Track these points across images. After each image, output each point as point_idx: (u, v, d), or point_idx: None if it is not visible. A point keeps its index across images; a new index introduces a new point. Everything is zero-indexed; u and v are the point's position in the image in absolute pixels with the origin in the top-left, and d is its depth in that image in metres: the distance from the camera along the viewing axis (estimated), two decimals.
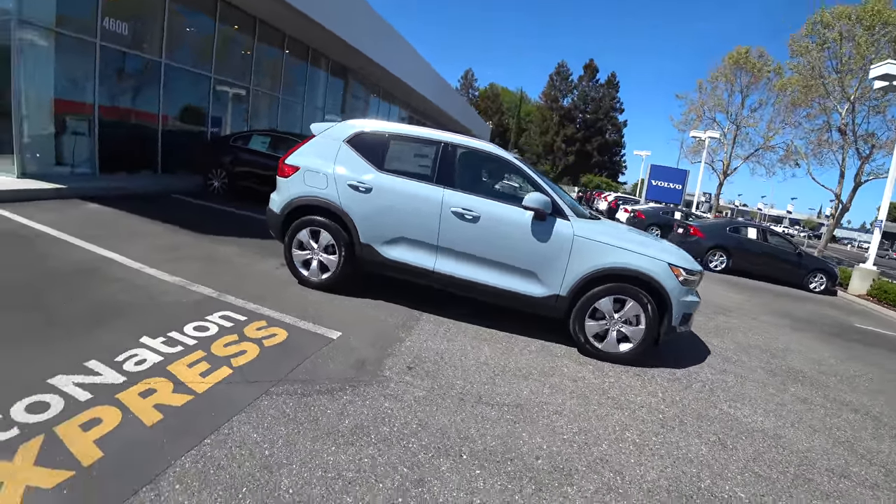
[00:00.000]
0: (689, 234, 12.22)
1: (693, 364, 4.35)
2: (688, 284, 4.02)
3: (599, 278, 3.94)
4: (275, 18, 12.60)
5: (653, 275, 3.88)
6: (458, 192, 4.18)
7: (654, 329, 3.95)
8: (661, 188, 28.19)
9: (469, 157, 4.42)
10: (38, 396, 2.29)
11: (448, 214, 4.14)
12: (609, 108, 59.73)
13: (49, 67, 8.33)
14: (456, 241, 4.17)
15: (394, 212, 4.30)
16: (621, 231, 4.40)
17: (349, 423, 2.47)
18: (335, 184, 4.39)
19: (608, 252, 3.94)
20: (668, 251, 4.20)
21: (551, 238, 4.00)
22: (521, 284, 4.11)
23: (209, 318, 3.52)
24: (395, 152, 4.53)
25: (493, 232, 4.11)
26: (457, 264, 4.21)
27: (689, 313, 4.15)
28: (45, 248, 4.68)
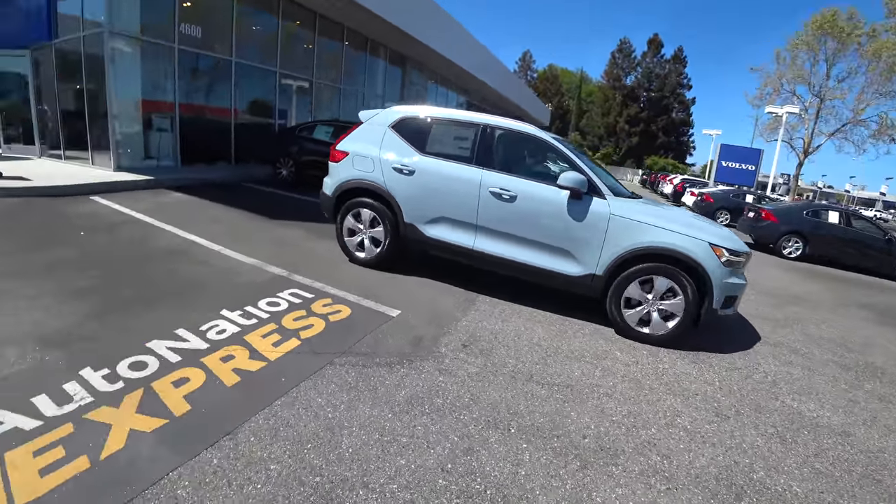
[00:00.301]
0: (760, 218, 11.27)
1: (756, 354, 4.10)
2: (731, 266, 3.82)
3: (636, 258, 3.86)
4: (334, 12, 13.03)
5: (692, 254, 3.74)
6: (495, 172, 4.25)
7: (693, 311, 3.80)
8: (733, 169, 26.30)
9: (507, 139, 4.46)
10: (138, 357, 2.67)
11: (486, 195, 4.22)
12: (675, 85, 56.09)
13: (135, 72, 9.19)
14: (494, 220, 4.24)
15: (435, 192, 4.45)
16: (661, 210, 4.23)
17: (405, 393, 2.63)
18: (381, 167, 4.60)
19: (646, 231, 3.85)
20: (709, 231, 4.01)
21: (587, 217, 3.96)
22: (557, 263, 4.11)
23: (280, 294, 3.83)
24: (436, 135, 4.65)
25: (530, 211, 4.14)
26: (495, 243, 4.28)
27: (734, 296, 3.95)
28: (140, 232, 5.28)
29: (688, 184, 22.97)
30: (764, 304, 5.86)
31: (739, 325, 4.75)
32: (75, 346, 2.71)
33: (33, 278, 3.65)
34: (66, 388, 2.31)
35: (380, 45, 16.61)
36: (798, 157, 29.85)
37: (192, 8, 9.94)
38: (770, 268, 8.84)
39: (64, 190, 7.00)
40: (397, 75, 18.77)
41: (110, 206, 6.43)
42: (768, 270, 8.48)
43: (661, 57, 56.83)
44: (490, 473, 2.09)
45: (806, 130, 29.33)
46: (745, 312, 5.26)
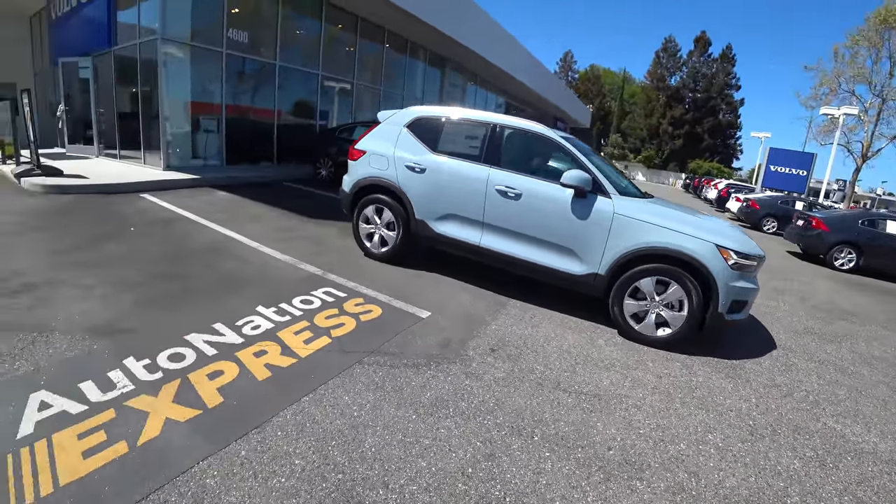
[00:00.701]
0: (810, 226, 10.58)
1: (798, 371, 3.87)
2: (740, 269, 3.70)
3: (640, 258, 3.81)
4: (375, 16, 13.26)
5: (696, 255, 3.65)
6: (502, 170, 4.32)
7: (698, 314, 3.71)
8: (782, 174, 24.94)
9: (515, 138, 4.50)
10: (177, 349, 2.80)
11: (493, 192, 4.29)
12: (723, 86, 53.75)
13: (186, 75, 9.65)
14: (500, 217, 4.31)
15: (444, 190, 4.56)
16: (669, 210, 4.11)
17: (430, 395, 2.64)
18: (395, 165, 4.76)
19: (649, 231, 3.79)
20: (718, 232, 3.85)
21: (591, 216, 3.95)
22: (560, 261, 4.12)
23: (314, 293, 3.93)
24: (448, 135, 4.77)
25: (535, 209, 4.17)
26: (501, 240, 4.35)
27: (743, 300, 3.81)
28: (184, 229, 5.53)
29: (733, 189, 22.02)
30: (811, 317, 5.54)
31: (781, 340, 4.50)
32: (120, 337, 2.87)
33: (85, 271, 3.89)
34: (111, 375, 2.46)
35: (420, 47, 16.76)
36: (855, 162, 27.85)
37: (240, 14, 10.35)
38: (819, 279, 8.34)
39: (117, 188, 7.43)
40: (437, 77, 18.87)
41: (159, 203, 6.78)
42: (817, 283, 8.00)
43: (708, 56, 54.66)
44: (510, 481, 2.07)
45: (865, 133, 27.29)
46: (790, 327, 4.99)
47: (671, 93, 55.10)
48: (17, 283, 3.51)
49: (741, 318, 3.94)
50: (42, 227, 5.11)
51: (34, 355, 2.57)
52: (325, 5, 12.14)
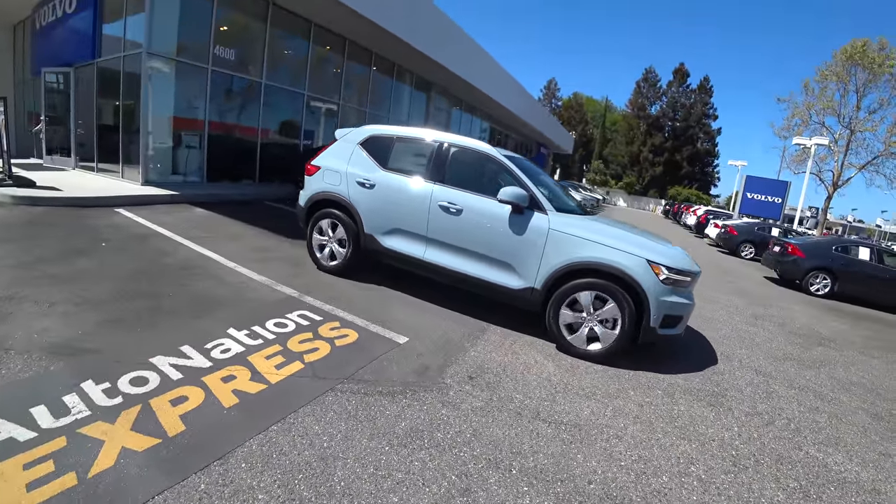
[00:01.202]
0: (786, 252, 10.90)
1: (779, 399, 3.88)
2: (672, 284, 3.80)
3: (574, 272, 3.90)
4: (363, 38, 13.42)
5: (628, 271, 3.74)
6: (446, 187, 4.45)
7: (630, 328, 3.78)
8: (758, 202, 25.74)
9: (460, 155, 4.62)
10: (140, 372, 2.66)
11: (436, 208, 4.42)
12: (701, 115, 55.70)
13: (170, 90, 9.58)
14: (442, 232, 4.42)
15: (391, 205, 4.70)
16: (606, 227, 4.23)
17: (405, 425, 2.54)
18: (347, 180, 4.93)
19: (583, 246, 3.90)
20: (650, 248, 3.93)
21: (527, 231, 4.06)
22: (499, 276, 4.21)
23: (289, 315, 3.81)
24: (398, 152, 4.91)
25: (475, 224, 4.29)
26: (443, 254, 4.45)
27: (677, 315, 3.90)
28: (159, 246, 5.37)
29: (711, 215, 22.56)
30: (788, 343, 5.61)
31: (761, 367, 4.53)
32: (81, 358, 2.72)
33: (50, 286, 3.72)
34: (66, 399, 2.31)
35: (406, 70, 16.99)
36: (827, 190, 29.18)
37: (228, 32, 10.36)
38: (796, 304, 8.50)
39: (91, 201, 7.23)
40: (422, 100, 19.11)
41: (134, 219, 6.60)
42: (795, 308, 8.15)
43: (686, 86, 56.70)
44: None
45: (835, 162, 28.69)
46: (770, 353, 5.04)
47: (651, 121, 56.81)
48: None
49: (675, 334, 4.02)
50: (8, 239, 4.91)
51: None
52: (314, 26, 12.25)
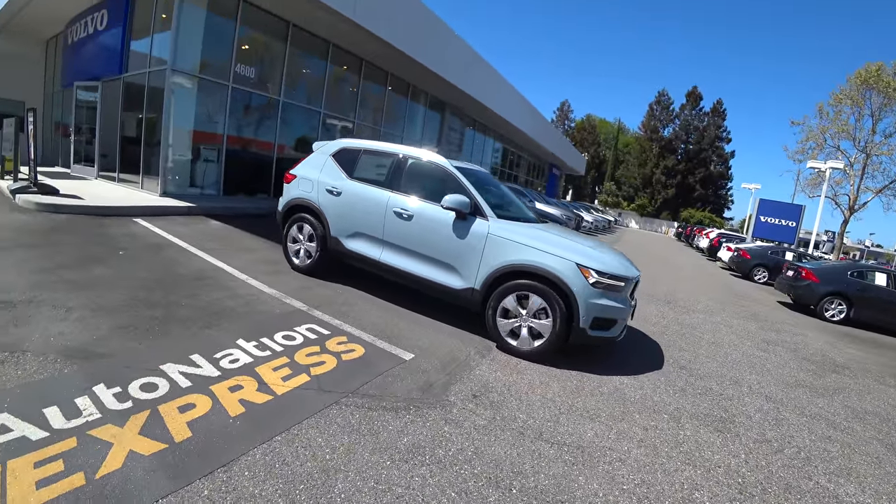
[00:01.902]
0: (800, 277, 10.70)
1: (789, 426, 3.81)
2: (601, 287, 3.99)
3: (508, 274, 4.15)
4: (379, 59, 13.75)
5: (557, 273, 3.96)
6: (400, 194, 4.84)
7: (562, 329, 3.98)
8: (772, 225, 25.41)
9: (415, 166, 4.99)
10: (150, 378, 2.73)
11: (390, 213, 4.80)
12: (714, 138, 55.59)
13: (191, 105, 9.88)
14: (395, 236, 4.79)
15: (353, 211, 5.11)
16: (543, 233, 4.45)
17: (407, 441, 2.55)
18: (317, 188, 5.37)
19: (518, 250, 4.15)
20: (582, 253, 4.15)
21: (468, 236, 4.38)
22: (444, 277, 4.51)
23: (297, 328, 3.87)
24: (363, 163, 5.32)
25: (423, 228, 4.62)
26: (397, 256, 4.80)
27: (608, 318, 4.08)
28: (174, 256, 5.50)
29: (724, 238, 22.35)
30: (801, 370, 5.51)
31: (772, 393, 4.45)
32: (94, 362, 2.80)
33: (68, 292, 3.84)
34: (78, 402, 2.38)
35: (421, 91, 17.30)
36: (843, 214, 28.76)
37: (249, 50, 10.72)
38: (810, 331, 8.34)
39: (111, 210, 7.43)
40: (436, 120, 19.36)
41: (151, 229, 6.77)
42: (808, 334, 7.99)
43: (699, 109, 56.75)
44: None
45: (851, 186, 28.36)
46: (781, 379, 4.96)
47: (664, 143, 56.79)
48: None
49: (609, 336, 4.18)
50: (30, 245, 5.08)
51: (2, 375, 2.51)
52: (332, 47, 12.60)
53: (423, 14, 12.64)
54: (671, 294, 9.30)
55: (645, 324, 6.30)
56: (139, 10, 10.02)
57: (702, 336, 6.23)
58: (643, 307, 7.42)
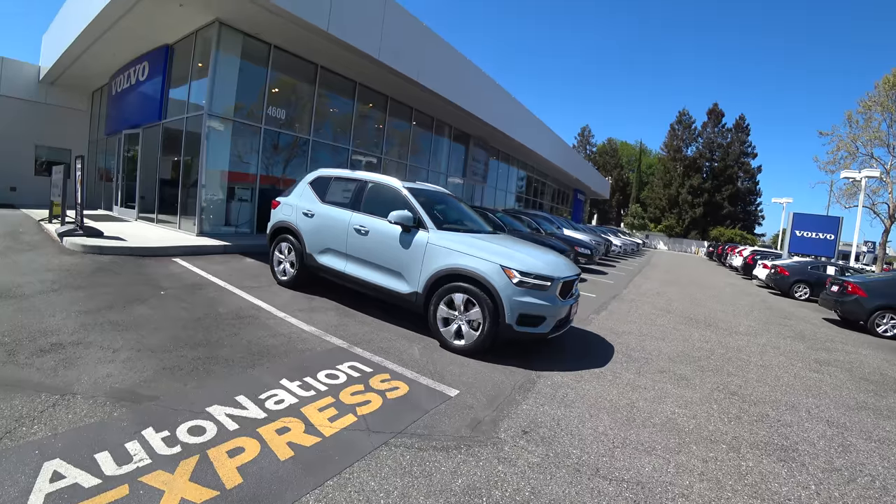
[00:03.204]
0: (846, 291, 10.14)
1: (857, 452, 3.52)
2: (527, 287, 4.33)
3: (444, 278, 4.60)
4: (404, 96, 14.16)
5: (483, 274, 4.38)
6: (360, 213, 5.48)
7: (491, 325, 4.33)
8: (808, 239, 24.38)
9: (374, 189, 5.66)
10: (197, 421, 2.71)
11: (352, 230, 5.44)
12: (739, 154, 54.56)
13: (225, 147, 10.27)
14: (356, 249, 5.41)
15: (323, 229, 5.78)
16: (478, 241, 4.86)
17: (462, 482, 2.45)
18: (296, 212, 6.14)
19: (451, 255, 4.62)
20: (508, 256, 4.53)
21: (412, 246, 4.91)
22: (394, 283, 5.04)
23: (339, 367, 3.84)
24: (333, 189, 6.02)
25: (377, 241, 5.21)
26: (358, 267, 5.40)
27: (536, 315, 4.38)
28: (213, 295, 5.59)
29: (759, 255, 21.59)
30: (861, 391, 5.15)
31: (833, 417, 4.14)
32: (142, 404, 2.81)
33: (114, 332, 3.93)
34: (128, 447, 2.37)
35: (445, 124, 17.66)
36: (883, 224, 27.52)
37: (279, 93, 11.18)
38: (864, 348, 7.83)
39: (151, 251, 7.69)
40: (461, 152, 19.63)
41: (189, 268, 6.95)
42: (862, 352, 7.51)
43: (722, 126, 56.01)
44: None
45: (889, 194, 27.16)
46: (840, 402, 4.63)
47: (688, 163, 56.01)
48: (46, 343, 3.56)
49: (538, 332, 4.47)
50: (77, 286, 5.25)
51: (53, 419, 2.53)
52: (358, 86, 13.03)
53: (445, 51, 13.05)
54: (711, 317, 8.95)
55: (689, 348, 6.05)
56: (178, 61, 10.62)
57: (749, 359, 5.93)
58: (684, 330, 7.16)
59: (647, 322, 7.50)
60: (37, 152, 16.67)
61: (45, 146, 16.74)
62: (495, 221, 11.29)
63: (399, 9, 10.88)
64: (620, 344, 5.80)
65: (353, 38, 9.66)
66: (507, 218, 12.24)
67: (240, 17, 9.09)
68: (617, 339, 6.01)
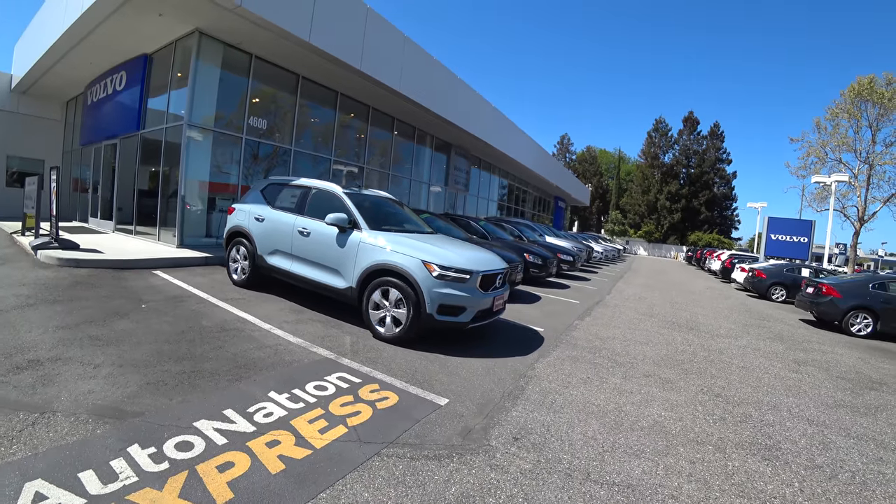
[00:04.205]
0: (821, 293, 10.49)
1: (837, 449, 3.63)
2: (447, 280, 4.72)
3: (374, 273, 5.01)
4: (386, 106, 14.20)
5: (404, 268, 4.78)
6: (304, 217, 5.92)
7: (415, 315, 4.71)
8: (783, 242, 25.13)
9: (317, 194, 6.08)
10: (185, 436, 2.65)
11: (296, 233, 5.87)
12: (714, 161, 56.18)
13: (206, 158, 10.15)
14: (300, 250, 5.83)
15: (272, 232, 6.21)
16: (405, 238, 5.31)
17: (455, 490, 2.45)
18: (248, 217, 6.56)
19: (379, 252, 5.03)
20: (430, 252, 4.91)
21: (347, 244, 5.32)
22: (333, 280, 5.45)
23: (327, 378, 3.80)
24: (282, 195, 6.47)
25: (317, 242, 5.63)
26: (302, 266, 5.81)
27: (455, 306, 4.76)
28: (195, 308, 5.49)
29: (736, 259, 22.15)
30: (837, 389, 5.33)
31: (813, 416, 4.27)
32: (126, 421, 2.74)
33: (94, 348, 3.83)
34: (113, 464, 2.31)
35: (427, 133, 17.74)
36: (853, 226, 28.60)
37: (260, 103, 11.10)
38: (839, 348, 8.10)
39: (130, 263, 7.52)
40: (442, 161, 19.70)
41: (171, 280, 6.81)
42: (837, 350, 7.76)
43: (697, 133, 57.66)
44: None
45: (858, 198, 28.31)
46: (819, 400, 4.78)
47: (666, 169, 57.38)
48: (23, 359, 3.45)
49: (458, 321, 4.83)
50: (53, 301, 5.10)
51: (34, 438, 2.45)
52: (340, 96, 13.02)
53: (426, 61, 13.14)
54: (692, 320, 9.14)
55: (673, 352, 6.16)
56: (157, 70, 10.48)
57: (731, 361, 6.07)
58: (668, 334, 7.29)
59: (630, 327, 7.61)
60: (8, 163, 16.19)
61: (16, 157, 16.28)
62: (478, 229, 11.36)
63: (380, 19, 10.95)
64: (605, 349, 5.88)
65: (334, 49, 9.67)
66: (489, 226, 12.32)
67: (220, 26, 9.02)
68: (602, 345, 6.09)
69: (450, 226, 9.90)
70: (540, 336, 6.16)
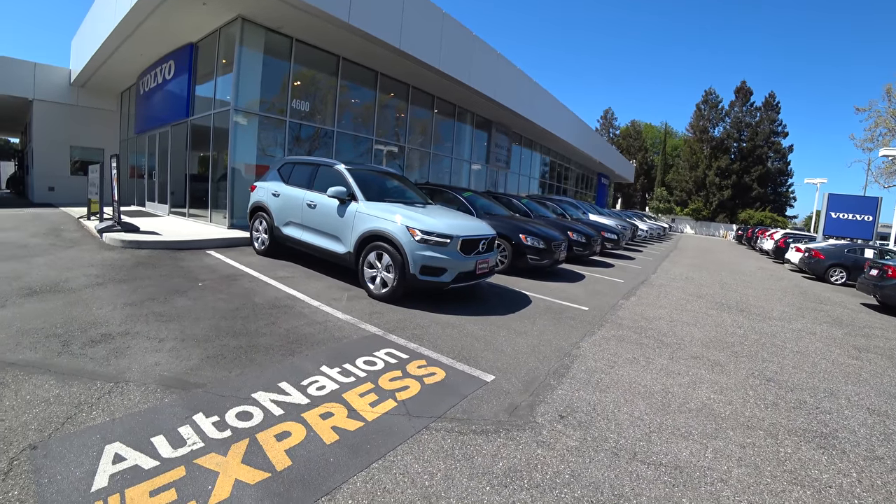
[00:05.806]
0: (886, 276, 9.69)
1: None
2: (426, 243, 5.24)
3: (366, 238, 5.64)
4: (425, 84, 14.10)
5: (391, 233, 5.38)
6: (311, 191, 6.61)
7: (401, 275, 5.28)
8: (844, 221, 23.40)
9: (323, 170, 6.72)
10: (244, 407, 2.82)
11: (305, 205, 6.58)
12: (769, 134, 52.50)
13: (252, 141, 10.45)
14: (308, 220, 6.54)
15: (286, 206, 6.95)
16: (396, 207, 5.82)
17: (503, 465, 2.50)
18: (267, 193, 7.35)
19: (372, 220, 5.63)
20: (414, 219, 5.43)
21: (346, 214, 5.95)
22: (335, 246, 6.10)
23: (376, 353, 3.92)
24: (295, 173, 7.15)
25: (322, 213, 6.31)
26: (311, 235, 6.50)
27: (437, 267, 5.28)
28: (248, 286, 5.76)
29: (791, 239, 20.87)
30: None
31: (873, 405, 4.03)
32: (190, 391, 2.94)
33: (158, 323, 4.10)
34: (181, 431, 2.49)
35: (467, 111, 17.51)
36: None
37: (302, 86, 11.29)
38: None
39: (186, 244, 7.92)
40: (483, 138, 19.45)
41: (224, 260, 7.15)
42: None
43: (750, 105, 53.91)
44: None
45: None
46: (881, 390, 4.50)
47: (715, 143, 54.26)
48: (97, 333, 3.74)
49: (439, 281, 5.36)
50: (120, 280, 5.47)
51: (110, 405, 2.67)
52: (379, 76, 13.03)
53: (464, 37, 12.89)
54: (743, 301, 8.75)
55: (722, 333, 5.95)
56: (202, 58, 10.82)
57: (784, 345, 5.80)
58: (716, 315, 7.03)
59: (677, 307, 7.39)
60: (71, 153, 17.29)
61: (78, 146, 17.35)
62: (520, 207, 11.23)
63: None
64: (651, 329, 5.75)
65: (373, 28, 9.65)
66: (532, 204, 12.16)
67: (262, 12, 9.18)
68: (648, 325, 5.95)
69: (492, 203, 9.82)
70: (584, 315, 6.09)
